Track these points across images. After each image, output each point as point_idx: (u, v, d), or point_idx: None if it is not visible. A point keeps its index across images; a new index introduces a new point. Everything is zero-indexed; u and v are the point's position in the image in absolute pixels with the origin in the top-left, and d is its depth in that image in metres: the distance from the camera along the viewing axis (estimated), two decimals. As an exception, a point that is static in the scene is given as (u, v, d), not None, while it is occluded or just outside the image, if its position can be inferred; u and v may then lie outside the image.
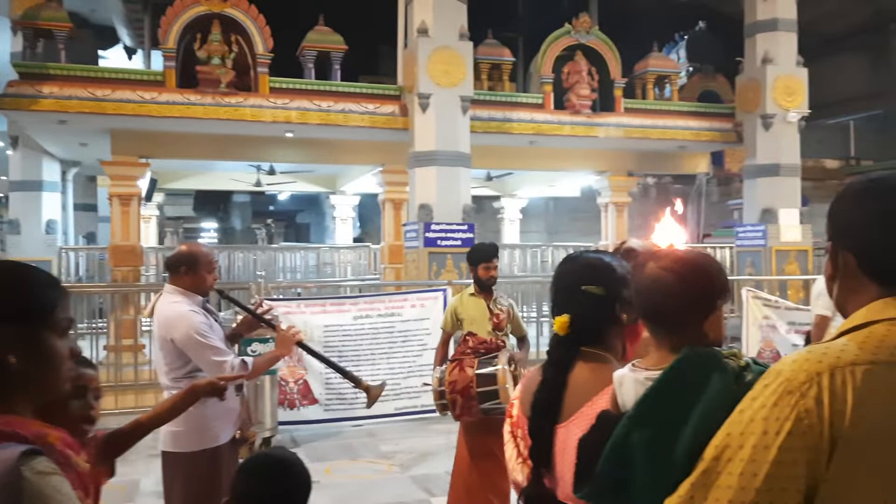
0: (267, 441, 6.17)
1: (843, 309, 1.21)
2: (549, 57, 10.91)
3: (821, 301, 5.14)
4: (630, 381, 1.48)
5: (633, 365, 1.54)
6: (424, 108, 9.42)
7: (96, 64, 11.21)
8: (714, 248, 13.85)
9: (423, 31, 9.45)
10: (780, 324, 8.51)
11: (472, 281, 4.94)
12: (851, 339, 1.11)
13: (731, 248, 12.91)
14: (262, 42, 9.45)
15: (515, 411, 1.92)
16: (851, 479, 1.03)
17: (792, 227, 11.43)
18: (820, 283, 5.22)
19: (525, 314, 9.73)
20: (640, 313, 1.57)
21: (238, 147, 10.97)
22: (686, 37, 21.10)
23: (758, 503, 1.04)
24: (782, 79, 11.35)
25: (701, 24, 20.62)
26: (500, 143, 11.31)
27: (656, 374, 1.41)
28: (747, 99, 11.69)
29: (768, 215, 11.46)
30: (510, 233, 16.04)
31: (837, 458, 1.02)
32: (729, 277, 10.28)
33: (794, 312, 8.49)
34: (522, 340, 5.05)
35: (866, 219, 1.15)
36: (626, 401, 1.46)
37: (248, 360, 3.51)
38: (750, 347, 8.57)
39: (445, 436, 6.62)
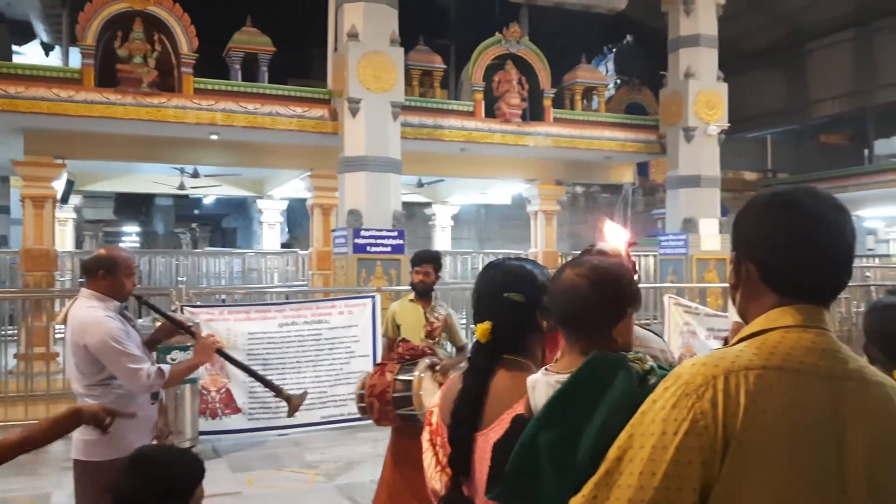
0: (187, 452, 5.98)
1: (745, 316, 1.25)
2: (480, 65, 10.99)
3: (737, 308, 5.32)
4: (542, 385, 1.49)
5: (546, 369, 1.55)
6: (354, 112, 9.35)
7: (10, 59, 10.75)
8: (639, 256, 14.21)
9: (354, 36, 9.39)
10: (700, 329, 8.77)
11: (405, 287, 4.95)
12: (748, 344, 1.15)
13: (654, 256, 13.26)
14: (186, 41, 9.21)
15: (435, 419, 1.91)
16: (741, 480, 1.06)
17: (711, 237, 11.82)
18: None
19: (454, 321, 9.76)
20: (556, 318, 1.60)
21: (160, 149, 10.65)
22: (614, 50, 21.59)
23: (656, 501, 1.07)
24: (703, 93, 11.73)
25: (629, 37, 21.12)
26: (432, 150, 11.32)
27: (566, 377, 1.43)
28: (670, 112, 12.04)
29: (690, 225, 11.81)
30: (441, 239, 16.07)
31: (729, 458, 1.06)
32: (652, 285, 10.54)
33: (713, 319, 8.76)
34: (462, 350, 5.04)
35: (768, 231, 1.19)
36: (539, 404, 1.47)
37: (165, 367, 3.41)
38: (691, 359, 8.79)
39: (372, 444, 6.56)
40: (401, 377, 3.71)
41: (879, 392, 1.13)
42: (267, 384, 3.89)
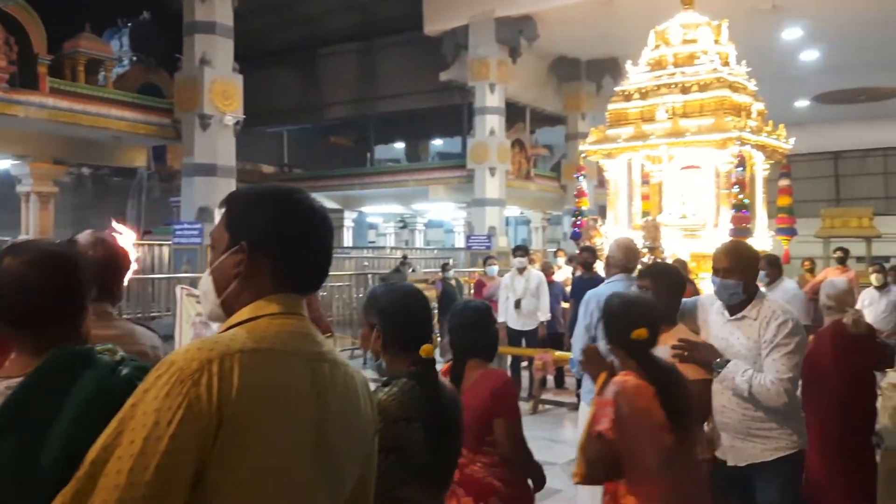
0: None
1: (233, 304, 1.26)
2: (-50, 13, 9.13)
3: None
4: None
5: None
6: None
7: None
8: (153, 245, 13.52)
9: None
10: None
11: None
12: (240, 330, 1.20)
13: (169, 245, 12.75)
14: None
15: None
16: (232, 457, 1.09)
17: (227, 227, 11.82)
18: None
19: None
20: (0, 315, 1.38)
21: None
22: (130, 25, 20.26)
23: (146, 496, 1.03)
24: (219, 82, 11.66)
25: (146, 14, 20.02)
26: None
27: (18, 380, 1.28)
28: (186, 97, 11.70)
29: (205, 214, 11.64)
30: None
31: (221, 438, 1.08)
32: (165, 276, 10.08)
33: (223, 309, 8.73)
34: None
35: (288, 227, 1.26)
36: None
37: None
38: (183, 345, 8.51)
39: None
40: None
41: (343, 371, 1.28)
42: None
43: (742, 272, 2.90)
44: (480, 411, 2.40)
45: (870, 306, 7.44)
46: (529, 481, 2.59)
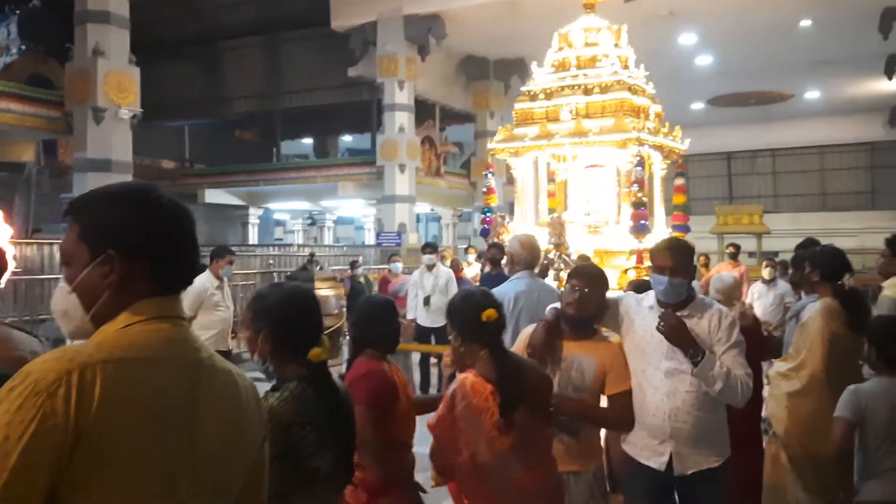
0: None
1: (102, 317, 1.18)
2: None
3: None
4: None
5: None
6: None
7: None
8: (42, 244, 12.82)
9: None
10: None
11: None
12: (108, 338, 1.14)
13: (60, 244, 12.14)
14: None
15: None
16: (89, 472, 1.04)
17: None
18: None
19: None
20: None
21: None
22: (18, 12, 19.16)
23: None
24: (114, 74, 11.16)
25: (35, 0, 18.97)
26: None
27: None
28: (78, 89, 11.15)
29: (99, 212, 11.14)
30: None
31: (79, 453, 1.03)
32: (56, 276, 9.58)
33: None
34: None
35: (161, 226, 1.21)
36: None
37: None
38: (42, 355, 8.11)
39: None
40: None
41: (226, 378, 1.24)
42: None
43: (686, 270, 2.87)
44: None
45: (759, 300, 7.85)
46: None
